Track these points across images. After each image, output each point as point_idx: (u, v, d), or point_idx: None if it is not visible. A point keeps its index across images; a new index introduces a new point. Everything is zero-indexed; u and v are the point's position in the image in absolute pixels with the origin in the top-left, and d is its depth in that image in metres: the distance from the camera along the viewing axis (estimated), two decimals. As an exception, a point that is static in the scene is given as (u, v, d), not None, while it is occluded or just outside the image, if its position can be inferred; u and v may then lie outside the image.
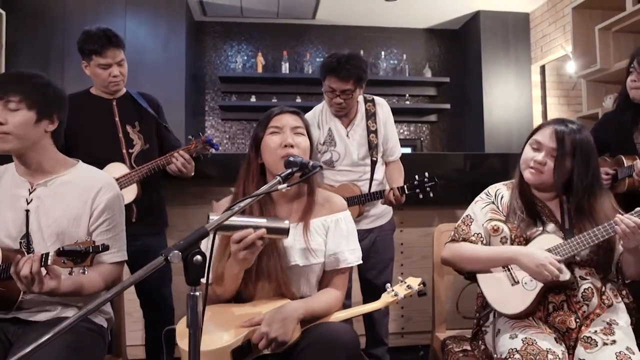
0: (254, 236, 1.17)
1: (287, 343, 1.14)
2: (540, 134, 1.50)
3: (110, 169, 2.00)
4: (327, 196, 1.43)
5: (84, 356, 1.29)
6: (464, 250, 1.54)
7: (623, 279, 1.48)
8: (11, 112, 1.33)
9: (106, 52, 2.02)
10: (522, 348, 1.29)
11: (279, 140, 1.33)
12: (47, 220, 1.39)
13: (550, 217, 1.50)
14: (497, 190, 1.60)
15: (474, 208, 1.60)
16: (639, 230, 1.28)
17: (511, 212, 1.50)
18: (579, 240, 1.37)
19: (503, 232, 1.49)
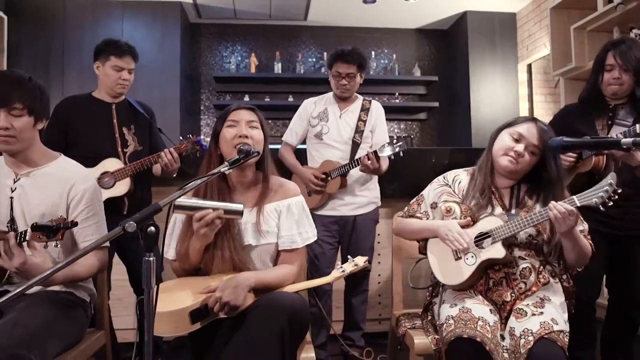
0: (213, 215, 1.34)
1: (238, 307, 1.30)
2: (524, 129, 1.61)
3: (106, 164, 2.23)
4: (281, 183, 1.59)
5: (67, 321, 1.45)
6: (405, 224, 1.75)
7: (565, 265, 1.63)
8: (15, 118, 1.48)
9: (125, 56, 2.31)
10: (456, 315, 1.44)
11: (234, 132, 1.49)
12: (28, 207, 1.55)
13: (500, 202, 1.64)
14: (456, 176, 1.75)
15: (428, 189, 1.77)
16: (569, 216, 1.42)
17: (468, 194, 1.65)
18: (516, 223, 1.51)
19: (455, 213, 1.64)
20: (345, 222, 2.54)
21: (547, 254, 1.60)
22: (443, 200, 1.69)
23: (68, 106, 2.37)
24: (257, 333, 1.25)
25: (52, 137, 2.30)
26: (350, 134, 2.54)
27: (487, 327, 1.40)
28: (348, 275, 1.56)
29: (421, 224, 1.70)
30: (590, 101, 2.17)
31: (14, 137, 1.49)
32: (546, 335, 1.35)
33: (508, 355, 1.38)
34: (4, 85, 1.47)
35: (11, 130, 1.47)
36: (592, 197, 1.41)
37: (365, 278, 2.59)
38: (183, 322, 1.29)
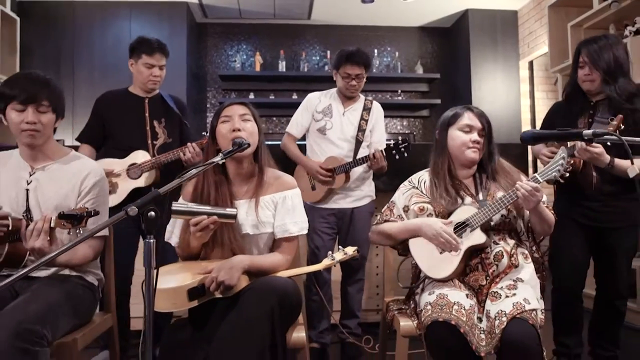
0: (207, 221, 1.46)
1: (232, 287, 1.40)
2: (468, 119, 1.74)
3: (134, 156, 2.37)
4: (277, 175, 1.69)
5: (76, 303, 1.57)
6: (381, 229, 1.80)
7: (534, 237, 1.73)
8: (42, 114, 1.61)
9: (155, 54, 2.43)
10: (434, 301, 1.53)
11: (229, 127, 1.59)
12: (43, 198, 1.67)
13: (467, 191, 1.74)
14: (420, 177, 1.85)
15: (397, 194, 1.86)
16: (536, 193, 1.53)
17: (435, 192, 1.74)
18: (490, 207, 1.61)
19: (428, 210, 1.73)
20: (343, 214, 2.64)
21: (520, 232, 1.70)
22: (414, 202, 1.77)
23: (105, 101, 2.52)
24: (249, 312, 1.35)
25: (91, 130, 2.48)
26: (353, 132, 2.64)
27: (462, 311, 1.49)
28: (337, 263, 1.65)
29: (399, 226, 1.76)
30: (573, 98, 2.25)
31: (40, 132, 1.61)
32: (518, 315, 1.44)
33: (485, 336, 1.47)
34: (33, 85, 1.59)
35: (38, 125, 1.60)
36: (552, 172, 1.53)
37: (361, 268, 2.69)
38: (181, 299, 1.40)
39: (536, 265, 1.69)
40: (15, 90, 1.58)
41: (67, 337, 1.54)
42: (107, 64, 5.15)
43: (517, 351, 1.40)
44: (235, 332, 1.32)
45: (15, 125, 1.60)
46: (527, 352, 1.39)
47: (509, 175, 1.72)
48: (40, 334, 1.37)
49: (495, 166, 1.77)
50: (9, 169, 1.70)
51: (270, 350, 1.34)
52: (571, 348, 2.30)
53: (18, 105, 1.58)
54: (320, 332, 2.64)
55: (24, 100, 1.57)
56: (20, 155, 1.71)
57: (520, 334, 1.40)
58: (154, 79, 2.45)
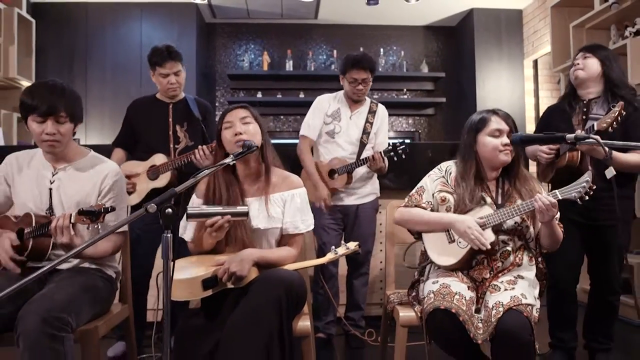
0: (222, 221, 1.56)
1: (243, 278, 1.51)
2: (495, 123, 1.81)
3: (154, 158, 2.49)
4: (285, 175, 1.80)
5: (95, 293, 1.69)
6: (414, 214, 1.86)
7: (540, 249, 1.81)
8: (60, 125, 1.71)
9: (165, 63, 2.49)
10: (437, 290, 1.63)
11: (231, 132, 1.70)
12: (65, 197, 1.78)
13: (489, 193, 1.82)
14: (448, 167, 1.92)
15: (427, 180, 1.92)
16: (552, 207, 1.61)
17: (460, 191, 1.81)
18: (505, 212, 1.70)
19: (449, 202, 1.82)
20: (348, 211, 2.74)
21: (529, 239, 1.78)
22: (439, 190, 1.86)
23: (134, 108, 2.66)
24: (258, 301, 1.45)
25: (123, 137, 2.65)
26: (358, 135, 2.73)
27: (463, 300, 1.59)
28: (340, 257, 1.75)
29: (433, 217, 1.82)
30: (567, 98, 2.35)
31: (59, 142, 1.72)
32: (514, 307, 1.53)
33: (482, 325, 1.57)
34: (51, 97, 1.68)
35: (57, 135, 1.70)
36: (572, 192, 1.59)
37: (366, 262, 2.80)
38: (196, 288, 1.51)
39: (539, 274, 1.77)
40: (35, 102, 1.67)
41: (88, 325, 1.66)
42: (119, 64, 5.29)
43: (510, 339, 1.49)
44: (246, 319, 1.43)
45: (36, 135, 1.71)
46: (519, 340, 1.49)
47: (529, 183, 1.79)
48: (66, 321, 1.49)
49: (519, 172, 1.83)
50: (32, 168, 1.82)
51: (277, 337, 1.44)
52: (566, 342, 2.39)
53: (38, 117, 1.68)
54: (326, 324, 2.75)
55: (43, 113, 1.67)
56: (43, 156, 1.83)
57: (514, 324, 1.50)
58: (171, 87, 2.54)
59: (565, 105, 2.36)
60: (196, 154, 2.40)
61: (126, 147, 2.64)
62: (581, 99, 2.32)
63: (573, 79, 2.33)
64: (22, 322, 1.44)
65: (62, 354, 1.46)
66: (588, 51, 2.29)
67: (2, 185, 1.82)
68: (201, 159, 2.39)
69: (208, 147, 2.44)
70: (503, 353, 1.53)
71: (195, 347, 1.51)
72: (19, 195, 1.79)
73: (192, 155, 2.41)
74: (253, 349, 1.39)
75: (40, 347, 1.43)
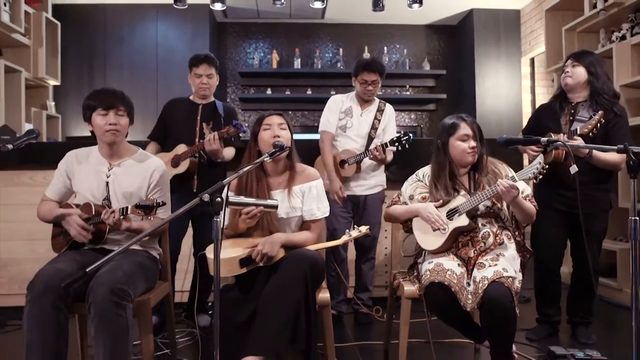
0: (255, 211, 1.86)
1: (272, 258, 1.81)
2: (463, 129, 2.10)
3: (178, 148, 2.82)
4: (303, 168, 2.09)
5: (144, 271, 1.98)
6: (392, 210, 2.24)
7: (517, 224, 2.11)
8: (120, 117, 2.02)
9: (201, 65, 2.87)
10: (432, 268, 1.94)
11: (270, 134, 1.99)
12: (119, 188, 2.07)
13: (462, 186, 2.13)
14: (424, 173, 2.24)
15: (405, 185, 2.27)
16: (512, 189, 1.90)
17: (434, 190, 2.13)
18: (475, 198, 1.99)
19: (429, 200, 2.13)
20: (357, 200, 3.04)
21: (504, 219, 2.08)
22: (418, 193, 2.19)
23: (168, 107, 3.00)
24: (287, 276, 1.75)
25: (157, 132, 2.99)
26: (367, 130, 3.03)
27: (454, 275, 1.89)
28: (353, 239, 2.05)
29: (404, 208, 2.19)
30: (557, 100, 2.64)
31: (119, 131, 2.03)
32: (497, 279, 1.83)
33: (471, 296, 1.87)
34: (112, 96, 2.02)
35: (118, 125, 2.01)
36: (527, 173, 1.89)
37: (373, 247, 3.10)
38: (234, 266, 1.80)
39: (518, 247, 2.07)
40: (98, 101, 2.00)
41: (142, 297, 1.96)
42: (136, 63, 5.58)
43: (494, 306, 1.79)
44: (278, 291, 1.73)
45: (100, 127, 2.01)
46: (501, 307, 1.79)
47: (496, 171, 2.09)
48: (127, 292, 1.79)
49: (486, 164, 2.13)
50: (90, 164, 2.12)
51: (304, 305, 1.73)
52: (551, 316, 2.70)
53: (102, 111, 2.00)
54: (337, 302, 3.06)
55: (106, 107, 1.99)
56: (99, 153, 2.13)
57: (497, 294, 1.79)
58: (203, 86, 2.88)
59: (556, 105, 2.65)
60: (206, 139, 2.69)
61: (159, 141, 2.96)
62: (570, 102, 2.61)
63: (563, 85, 2.61)
64: (93, 293, 1.75)
65: (125, 319, 1.76)
66: (576, 59, 2.56)
67: (64, 178, 2.12)
68: (209, 142, 2.68)
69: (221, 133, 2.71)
70: (489, 318, 1.84)
71: (234, 316, 1.80)
72: (79, 187, 2.09)
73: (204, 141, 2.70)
74: (285, 316, 1.69)
75: (108, 313, 1.73)
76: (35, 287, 1.73)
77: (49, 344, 1.71)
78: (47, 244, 2.17)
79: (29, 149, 1.96)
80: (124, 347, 1.75)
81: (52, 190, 2.13)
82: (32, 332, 1.71)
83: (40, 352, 1.70)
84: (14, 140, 1.93)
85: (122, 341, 1.74)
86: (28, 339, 1.71)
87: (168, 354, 2.45)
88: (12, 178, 3.35)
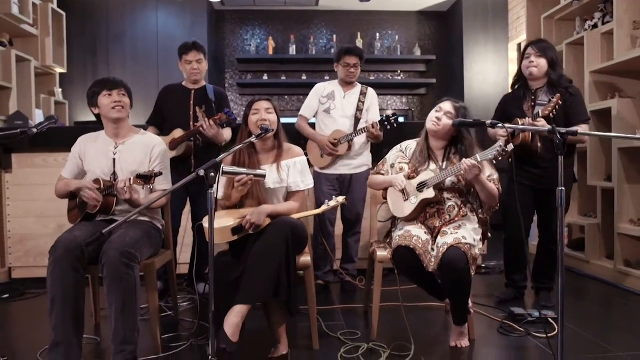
0: (246, 179, 2.12)
1: (260, 226, 2.08)
2: (442, 104, 2.35)
3: (174, 133, 3.06)
4: (289, 147, 2.36)
5: (151, 238, 2.27)
6: (373, 178, 2.51)
7: (480, 203, 2.37)
8: (123, 96, 2.31)
9: (190, 52, 3.11)
10: (401, 234, 2.22)
11: (257, 117, 2.25)
12: (125, 164, 2.35)
13: (435, 160, 2.39)
14: (407, 145, 2.49)
15: (390, 153, 2.52)
16: (474, 167, 2.15)
17: (414, 155, 2.40)
18: (442, 174, 2.26)
19: (404, 171, 2.40)
20: (344, 179, 3.32)
21: (468, 194, 2.35)
22: (398, 162, 2.44)
23: (163, 93, 3.25)
24: (271, 238, 2.02)
25: (155, 117, 3.24)
26: (353, 111, 3.29)
27: (420, 241, 2.17)
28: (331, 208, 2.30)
29: (382, 179, 2.47)
30: (519, 88, 2.90)
31: (124, 107, 2.32)
32: (455, 245, 2.10)
33: (434, 259, 2.14)
34: (114, 81, 2.32)
35: (122, 102, 2.30)
36: (489, 155, 2.13)
37: (358, 222, 3.39)
38: (227, 234, 2.08)
39: (480, 223, 2.33)
40: (102, 85, 2.30)
41: (148, 260, 2.25)
42: (138, 51, 5.81)
43: (450, 267, 2.07)
44: (262, 251, 2.00)
45: (106, 106, 2.29)
46: (457, 268, 2.06)
47: (471, 151, 2.33)
48: (135, 255, 2.07)
49: (465, 144, 2.34)
50: (99, 144, 2.39)
51: (285, 264, 2.01)
52: (517, 282, 3.00)
53: (107, 92, 2.28)
54: (324, 273, 3.36)
55: (110, 88, 2.28)
56: (105, 135, 2.40)
57: (453, 256, 2.07)
58: (194, 72, 3.13)
59: (520, 93, 2.91)
60: (204, 125, 2.93)
61: (157, 125, 3.21)
62: (530, 89, 2.86)
63: (527, 74, 2.85)
64: (106, 255, 2.03)
65: (133, 277, 2.05)
66: (540, 51, 2.80)
67: (77, 160, 2.40)
68: (207, 129, 2.93)
69: (215, 119, 2.95)
70: (447, 278, 2.12)
71: (227, 276, 2.08)
72: (90, 165, 2.37)
73: (201, 126, 2.93)
74: (268, 271, 1.96)
75: (119, 272, 2.01)
76: (57, 250, 2.01)
77: (69, 298, 2.00)
78: (58, 221, 2.48)
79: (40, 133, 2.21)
80: (133, 301, 2.03)
81: (67, 171, 2.41)
82: (55, 289, 1.99)
83: (62, 305, 1.99)
84: (38, 125, 2.17)
85: (131, 297, 2.03)
86: (51, 295, 2.00)
87: (171, 315, 2.76)
88: (26, 160, 3.64)
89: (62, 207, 2.51)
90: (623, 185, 3.39)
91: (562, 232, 1.78)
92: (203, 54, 3.16)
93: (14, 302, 3.17)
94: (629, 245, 3.37)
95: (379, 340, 2.33)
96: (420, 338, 2.36)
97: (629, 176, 3.39)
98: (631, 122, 3.40)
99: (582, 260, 3.78)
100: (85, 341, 2.21)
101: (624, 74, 3.65)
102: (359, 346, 2.28)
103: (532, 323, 2.53)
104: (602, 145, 3.66)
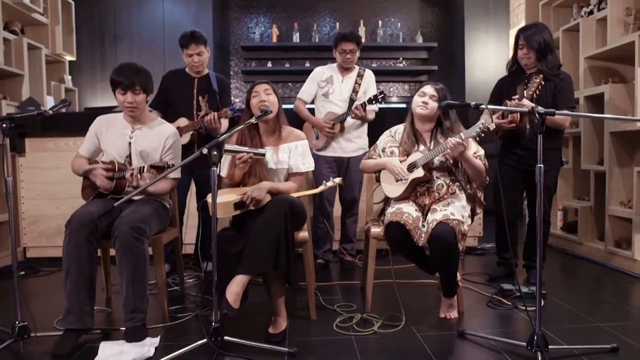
0: (247, 156, 2.25)
1: (260, 201, 2.22)
2: (424, 88, 2.48)
3: (179, 121, 3.16)
4: (291, 130, 2.48)
5: (160, 215, 2.41)
6: (365, 162, 2.64)
7: (468, 179, 2.50)
8: (137, 96, 2.38)
9: (189, 45, 3.13)
10: (393, 211, 2.35)
11: (257, 100, 2.37)
12: (140, 149, 2.47)
13: (423, 142, 2.51)
14: (396, 129, 2.62)
15: (380, 138, 2.64)
16: (458, 145, 2.27)
17: (402, 140, 2.53)
18: (431, 153, 2.38)
19: (395, 154, 2.52)
20: (341, 161, 3.44)
21: (456, 172, 2.47)
22: (389, 146, 2.57)
23: (168, 78, 3.31)
24: (271, 213, 2.15)
25: (158, 101, 3.30)
26: (348, 94, 3.40)
27: (410, 217, 2.30)
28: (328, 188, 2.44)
29: (375, 161, 2.59)
30: (514, 72, 3.00)
31: (136, 108, 2.41)
32: (444, 220, 2.23)
33: (423, 234, 2.28)
34: (129, 75, 2.35)
35: (134, 103, 2.39)
36: (471, 132, 2.25)
37: (355, 204, 3.52)
38: (229, 209, 2.22)
39: (469, 198, 2.45)
40: (120, 78, 2.36)
41: (156, 235, 2.41)
42: (144, 38, 5.94)
43: (439, 241, 2.20)
44: (262, 225, 2.13)
45: (121, 102, 2.40)
46: (445, 242, 2.19)
47: (456, 130, 2.46)
48: (144, 229, 2.22)
49: (450, 125, 2.48)
50: (116, 128, 2.52)
51: (284, 238, 2.14)
52: (507, 260, 3.14)
53: (121, 90, 2.37)
54: (324, 252, 3.51)
55: (124, 87, 2.35)
56: (123, 119, 2.53)
57: (442, 231, 2.20)
58: (195, 64, 3.19)
59: (515, 77, 3.01)
60: (206, 119, 3.04)
61: (160, 109, 3.27)
62: (524, 73, 2.96)
63: (523, 64, 2.94)
64: (117, 230, 2.18)
65: (143, 250, 2.20)
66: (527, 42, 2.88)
67: (94, 139, 2.53)
68: (211, 122, 3.04)
69: (220, 113, 3.05)
70: (435, 251, 2.25)
71: (229, 249, 2.22)
72: (106, 146, 2.50)
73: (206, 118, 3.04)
74: (268, 244, 2.10)
75: (130, 245, 2.16)
76: (72, 224, 2.16)
77: (83, 269, 2.15)
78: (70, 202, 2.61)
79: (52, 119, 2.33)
80: (142, 272, 2.19)
81: (84, 148, 2.55)
82: (70, 260, 2.15)
83: (77, 275, 2.14)
84: (53, 107, 2.29)
85: (141, 268, 2.18)
86: (66, 265, 2.15)
87: (177, 290, 2.92)
88: (39, 144, 3.80)
89: (73, 190, 2.65)
90: (614, 168, 3.50)
91: (541, 208, 1.90)
92: (203, 44, 3.17)
93: (30, 279, 3.35)
94: (619, 226, 3.49)
95: (372, 312, 2.48)
96: (412, 311, 2.50)
97: (619, 159, 3.49)
98: (623, 106, 3.49)
99: (575, 242, 3.90)
100: (98, 311, 2.37)
101: (617, 59, 3.73)
102: (353, 317, 2.42)
103: (520, 298, 2.66)
104: (595, 130, 3.75)
